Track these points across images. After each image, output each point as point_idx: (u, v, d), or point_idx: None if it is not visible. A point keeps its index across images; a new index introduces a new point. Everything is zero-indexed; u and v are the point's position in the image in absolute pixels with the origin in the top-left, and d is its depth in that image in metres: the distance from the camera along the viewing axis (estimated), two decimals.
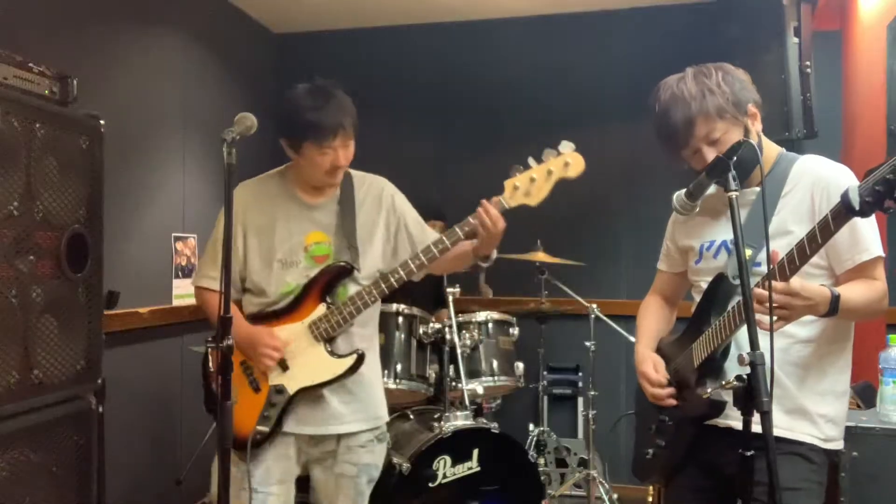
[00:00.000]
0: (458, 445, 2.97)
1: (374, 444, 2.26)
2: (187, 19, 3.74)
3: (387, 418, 2.32)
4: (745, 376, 1.34)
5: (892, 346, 2.28)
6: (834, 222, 1.41)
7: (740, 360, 1.34)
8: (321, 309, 2.15)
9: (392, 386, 3.13)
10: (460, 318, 3.29)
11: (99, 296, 2.28)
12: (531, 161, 2.10)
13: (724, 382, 1.54)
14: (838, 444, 1.74)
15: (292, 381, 2.13)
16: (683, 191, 1.68)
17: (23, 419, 1.98)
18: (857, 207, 1.33)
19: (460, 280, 3.62)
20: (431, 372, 3.23)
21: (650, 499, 3.62)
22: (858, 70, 3.55)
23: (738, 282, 1.63)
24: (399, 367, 3.16)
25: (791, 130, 3.40)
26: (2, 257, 1.91)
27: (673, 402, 1.78)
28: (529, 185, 2.10)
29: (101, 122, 2.29)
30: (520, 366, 3.39)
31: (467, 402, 3.13)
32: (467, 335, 3.27)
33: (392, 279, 2.11)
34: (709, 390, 1.63)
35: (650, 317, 2.05)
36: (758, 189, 1.73)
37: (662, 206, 1.88)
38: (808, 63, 3.38)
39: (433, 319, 3.30)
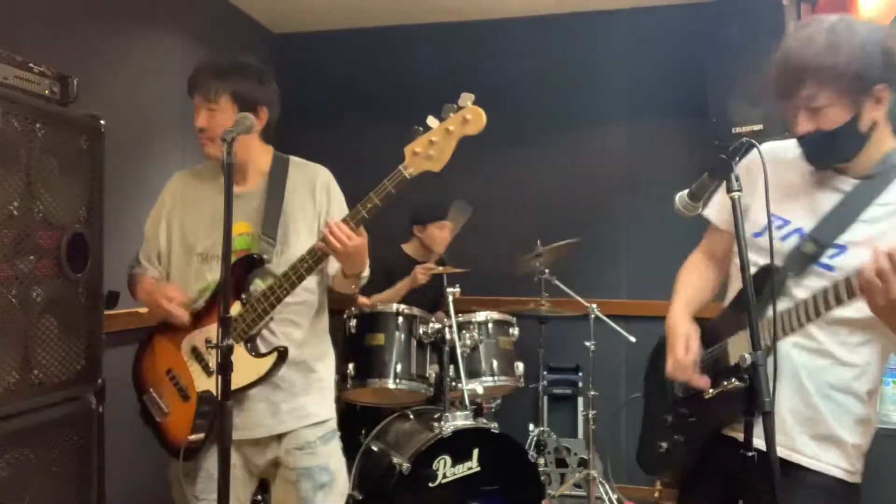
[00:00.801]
0: (458, 445, 2.97)
1: (317, 446, 2.12)
2: (187, 19, 3.74)
3: (331, 416, 2.19)
4: (746, 377, 1.34)
5: None
6: None
7: (741, 361, 1.33)
8: (236, 307, 2.03)
9: (392, 386, 3.13)
10: (460, 318, 3.29)
11: (99, 296, 2.28)
12: (431, 121, 1.93)
13: (725, 383, 1.53)
14: (860, 478, 1.60)
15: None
16: (686, 191, 1.64)
17: (23, 419, 1.98)
18: None
19: (461, 280, 3.62)
20: (431, 372, 3.23)
21: (657, 494, 3.61)
22: None
23: (787, 275, 1.52)
24: (399, 367, 3.16)
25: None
26: (2, 257, 1.91)
27: (702, 383, 1.61)
28: (429, 147, 1.91)
29: (101, 122, 2.28)
30: (520, 366, 3.39)
31: (467, 402, 3.13)
32: (467, 335, 3.26)
33: (301, 270, 1.97)
34: (710, 391, 1.60)
35: (692, 273, 1.83)
36: (854, 181, 1.53)
37: (662, 205, 1.88)
38: None
39: (433, 319, 3.29)
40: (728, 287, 1.76)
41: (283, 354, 2.03)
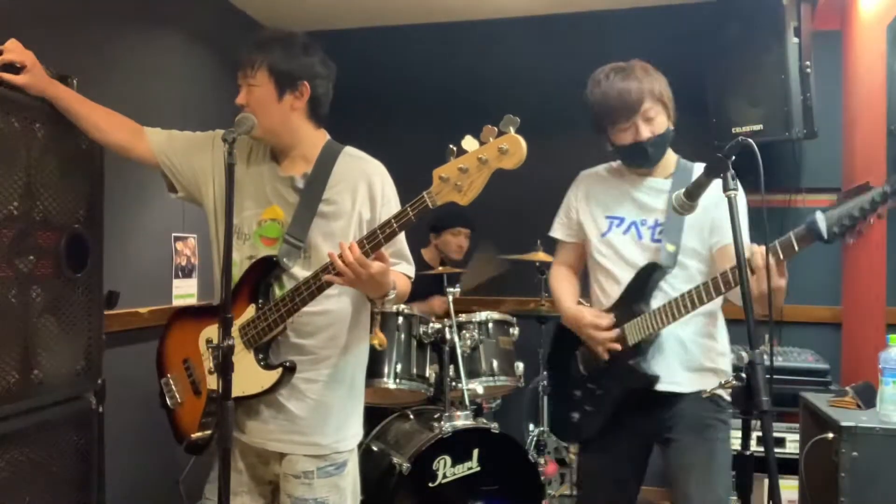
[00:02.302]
0: (458, 445, 2.97)
1: (314, 477, 1.93)
2: (187, 19, 3.74)
3: (339, 449, 1.98)
4: (743, 375, 1.34)
5: (892, 346, 2.28)
6: (798, 244, 1.57)
7: (739, 359, 1.34)
8: (251, 311, 1.91)
9: (392, 386, 3.13)
10: (460, 318, 3.28)
11: (99, 296, 2.28)
12: (467, 142, 1.69)
13: (723, 382, 1.54)
14: (729, 396, 2.03)
15: None
16: (682, 191, 1.70)
17: (23, 419, 1.98)
18: (826, 237, 1.48)
19: (460, 280, 3.62)
20: (431, 372, 3.23)
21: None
22: (858, 70, 3.54)
23: (670, 272, 1.97)
24: (399, 367, 3.16)
25: (791, 130, 3.41)
26: (2, 257, 1.91)
27: (616, 346, 2.00)
28: (460, 176, 1.69)
29: None
30: (520, 366, 3.39)
31: (467, 402, 3.13)
32: (467, 335, 3.26)
33: (313, 287, 1.82)
34: (709, 389, 1.63)
35: (565, 282, 2.28)
36: (666, 181, 2.08)
37: None
38: (808, 63, 3.39)
39: (433, 319, 3.29)
40: (593, 282, 2.19)
41: (289, 370, 1.90)
